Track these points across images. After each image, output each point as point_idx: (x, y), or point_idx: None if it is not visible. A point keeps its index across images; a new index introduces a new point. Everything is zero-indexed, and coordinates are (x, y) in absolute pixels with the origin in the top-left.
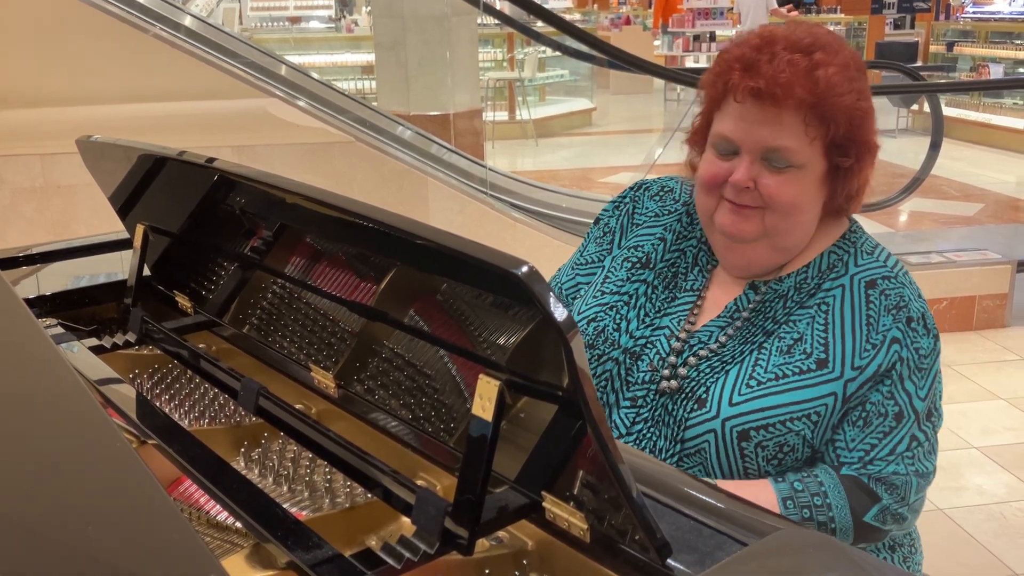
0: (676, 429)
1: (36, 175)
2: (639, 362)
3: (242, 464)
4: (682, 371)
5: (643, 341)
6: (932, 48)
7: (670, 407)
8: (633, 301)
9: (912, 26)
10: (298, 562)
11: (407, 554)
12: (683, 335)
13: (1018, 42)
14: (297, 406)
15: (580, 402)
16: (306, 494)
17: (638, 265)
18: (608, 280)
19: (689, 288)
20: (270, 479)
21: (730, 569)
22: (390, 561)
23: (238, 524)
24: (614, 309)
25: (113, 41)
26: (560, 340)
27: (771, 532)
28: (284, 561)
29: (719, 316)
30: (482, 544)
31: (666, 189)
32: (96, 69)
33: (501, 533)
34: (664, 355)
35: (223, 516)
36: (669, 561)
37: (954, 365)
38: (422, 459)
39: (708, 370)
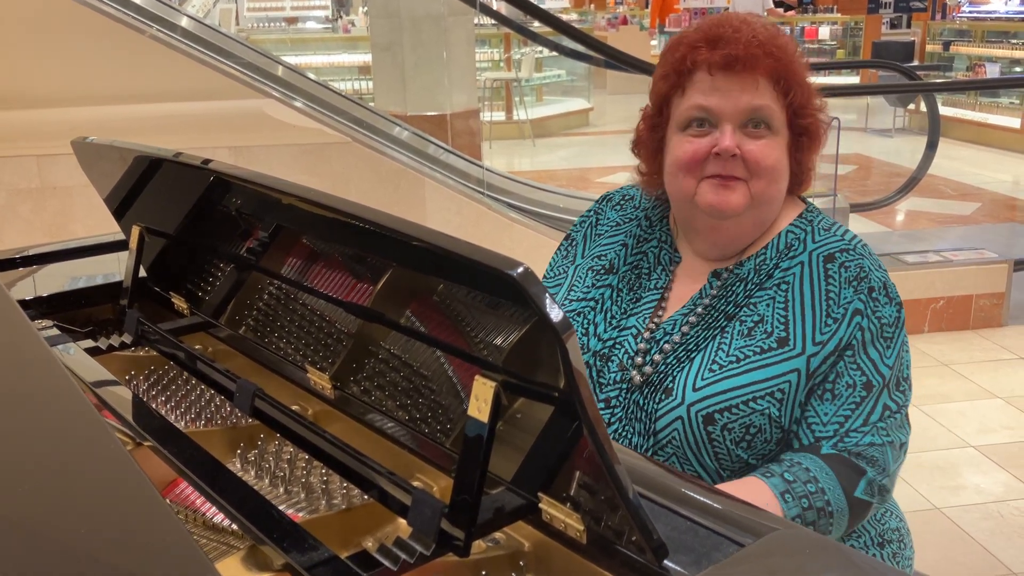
0: (648, 423)
1: (32, 176)
2: (609, 363)
3: (238, 466)
4: (648, 368)
5: (611, 343)
6: (928, 47)
7: (640, 402)
8: (599, 306)
9: (908, 25)
10: (294, 564)
11: (403, 556)
12: (648, 332)
13: (1014, 41)
14: (293, 407)
15: (576, 403)
16: (302, 496)
17: (602, 272)
18: (574, 289)
19: (653, 287)
20: (266, 481)
21: (727, 570)
22: (386, 563)
23: (234, 526)
24: (581, 315)
25: (109, 42)
26: (556, 341)
27: (768, 533)
28: (280, 563)
29: (683, 307)
30: (478, 545)
31: (627, 197)
32: (93, 70)
33: (497, 534)
34: (632, 354)
35: (219, 518)
36: (665, 562)
37: (951, 364)
38: (418, 460)
39: (674, 361)
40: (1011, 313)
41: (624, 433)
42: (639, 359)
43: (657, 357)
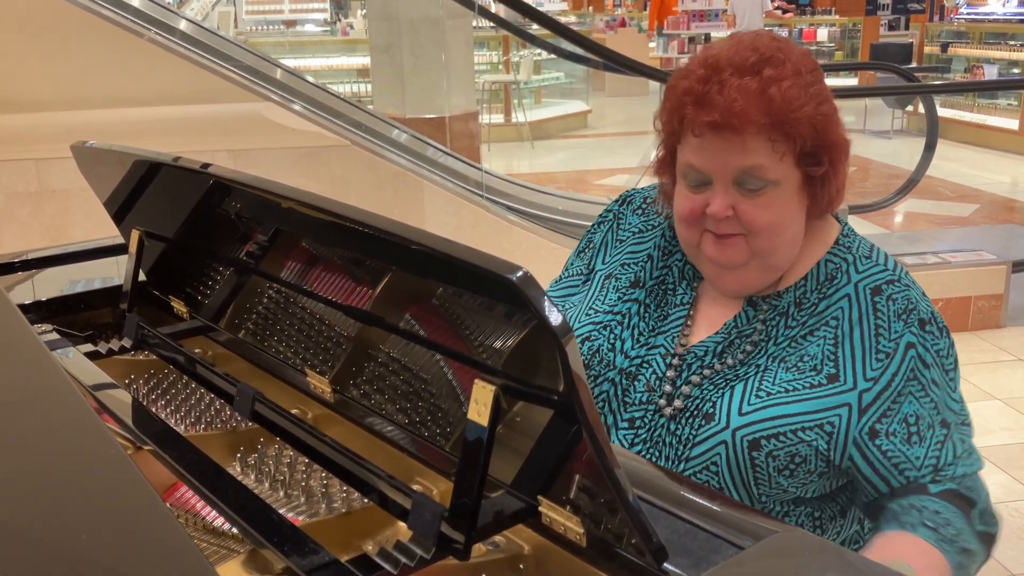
0: (680, 448)
1: (31, 179)
2: (635, 382)
3: (238, 470)
4: (685, 390)
5: (638, 361)
6: (926, 49)
7: (673, 427)
8: (626, 321)
9: (907, 27)
10: (294, 568)
11: (403, 559)
12: (679, 352)
13: (1012, 43)
14: (293, 411)
15: (576, 406)
16: (302, 499)
17: (628, 285)
18: (598, 299)
19: (679, 303)
20: (266, 484)
21: (726, 572)
22: (386, 566)
23: (234, 530)
24: (608, 328)
25: (108, 45)
26: (555, 344)
27: (767, 535)
28: (280, 567)
29: (717, 332)
30: (478, 549)
31: (649, 200)
32: (91, 73)
33: (497, 538)
34: (661, 374)
35: (219, 522)
36: (665, 565)
37: None
38: (418, 464)
39: (712, 387)
40: (1009, 315)
41: (648, 456)
42: (667, 387)
43: (695, 379)
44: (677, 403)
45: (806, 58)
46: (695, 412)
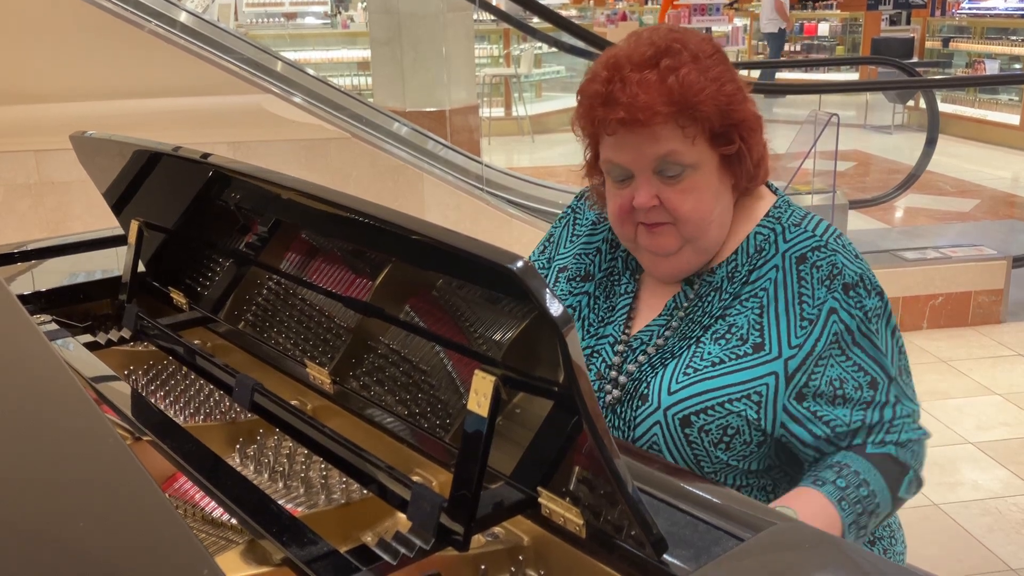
0: (626, 431)
1: (31, 171)
2: (587, 372)
3: (237, 460)
4: (622, 379)
5: (588, 351)
6: (928, 44)
7: (619, 411)
8: (576, 313)
9: (908, 22)
10: (293, 558)
11: (403, 550)
12: (623, 344)
13: (1014, 38)
14: (293, 402)
15: (576, 397)
16: (301, 490)
17: (578, 278)
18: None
19: (623, 292)
20: (265, 475)
21: (726, 565)
22: (386, 557)
23: (233, 520)
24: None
25: (109, 37)
26: (555, 335)
27: (767, 528)
28: (279, 557)
29: (659, 316)
30: (478, 540)
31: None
32: (92, 65)
33: (497, 529)
34: (609, 362)
35: (218, 512)
36: (665, 556)
37: (950, 361)
38: (418, 455)
39: (649, 369)
40: (1009, 310)
41: None
42: (614, 373)
43: (632, 367)
44: (616, 392)
45: (705, 44)
46: (633, 395)
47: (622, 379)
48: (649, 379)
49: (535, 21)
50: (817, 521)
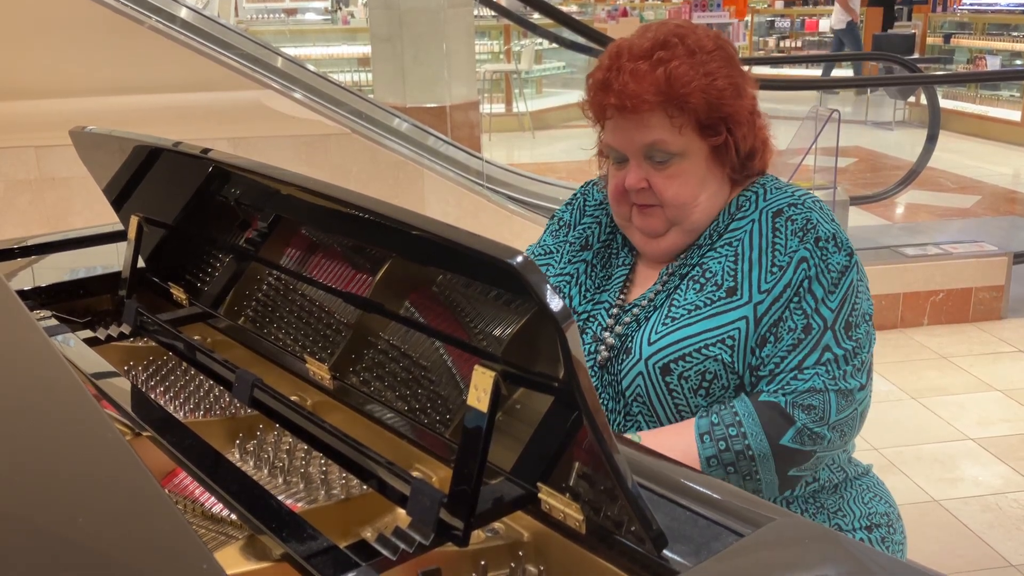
0: (617, 386)
1: (31, 167)
2: (584, 336)
3: (237, 456)
4: (611, 339)
5: (585, 316)
6: (929, 40)
7: (610, 368)
8: (574, 280)
9: (909, 18)
10: (293, 554)
11: (402, 545)
12: (617, 308)
13: (1015, 34)
14: (292, 398)
15: (576, 392)
16: (301, 486)
17: (578, 247)
18: (553, 265)
19: (621, 264)
20: (265, 471)
21: (726, 560)
22: (385, 552)
23: (233, 516)
24: (556, 290)
25: (108, 33)
26: (555, 330)
27: (767, 523)
28: (279, 553)
29: (654, 284)
30: (477, 535)
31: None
32: (92, 60)
33: (497, 524)
34: (604, 326)
35: (218, 508)
36: (665, 552)
37: (950, 357)
38: (417, 450)
39: (635, 326)
40: (1010, 306)
41: (600, 401)
42: (606, 334)
43: (620, 328)
44: (604, 352)
45: (707, 41)
46: (620, 349)
47: (611, 340)
48: (633, 333)
49: (536, 17)
50: (671, 450)
